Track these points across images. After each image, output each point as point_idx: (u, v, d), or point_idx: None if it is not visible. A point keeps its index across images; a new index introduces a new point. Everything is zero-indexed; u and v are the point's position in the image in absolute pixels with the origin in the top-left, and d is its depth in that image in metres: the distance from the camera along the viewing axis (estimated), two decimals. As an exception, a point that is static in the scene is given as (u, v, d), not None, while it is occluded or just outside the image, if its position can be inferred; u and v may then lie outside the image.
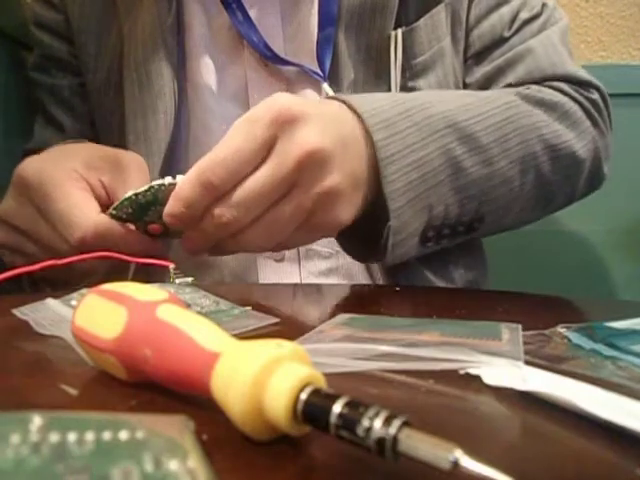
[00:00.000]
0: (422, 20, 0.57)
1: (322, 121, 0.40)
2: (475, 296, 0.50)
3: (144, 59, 0.56)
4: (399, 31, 0.56)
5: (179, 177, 0.40)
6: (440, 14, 0.57)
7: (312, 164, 0.39)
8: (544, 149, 0.53)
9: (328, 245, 0.57)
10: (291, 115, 0.38)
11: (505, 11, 0.60)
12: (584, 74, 0.61)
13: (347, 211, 0.43)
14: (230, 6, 0.56)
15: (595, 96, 0.60)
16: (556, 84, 0.59)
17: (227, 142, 0.38)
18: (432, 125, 0.47)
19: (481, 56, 0.61)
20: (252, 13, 0.56)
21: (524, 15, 0.60)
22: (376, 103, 0.45)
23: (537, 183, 0.54)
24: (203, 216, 0.39)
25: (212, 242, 0.42)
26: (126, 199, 0.41)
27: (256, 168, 0.38)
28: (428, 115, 0.47)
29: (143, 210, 0.42)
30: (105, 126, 0.63)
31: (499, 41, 0.60)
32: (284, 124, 0.38)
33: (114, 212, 0.42)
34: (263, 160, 0.38)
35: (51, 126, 0.65)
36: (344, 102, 0.44)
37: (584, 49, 0.97)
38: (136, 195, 0.41)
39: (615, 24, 0.96)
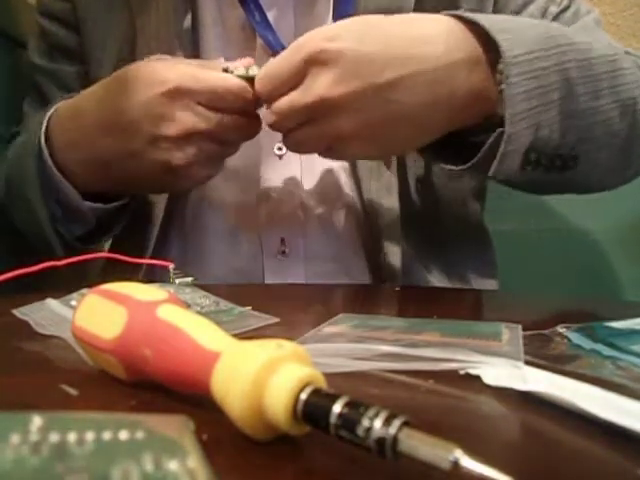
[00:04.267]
0: None
1: (351, 64, 0.42)
2: (475, 296, 0.50)
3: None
4: None
5: None
6: None
7: (322, 109, 0.43)
8: None
9: (332, 246, 0.57)
10: (321, 59, 0.42)
11: (533, 9, 0.60)
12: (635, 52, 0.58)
13: (361, 152, 0.47)
14: (248, 5, 0.56)
15: None
16: None
17: (277, 59, 0.44)
18: (554, 39, 0.45)
19: None
20: (270, 15, 0.56)
21: (553, 9, 0.60)
22: (495, 17, 0.46)
23: (629, 133, 0.50)
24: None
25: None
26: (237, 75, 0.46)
27: (292, 89, 0.43)
28: (549, 29, 0.46)
29: None
30: None
31: None
32: (314, 64, 0.42)
33: None
34: (298, 84, 0.43)
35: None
36: (459, 18, 0.44)
37: (584, 49, 0.96)
38: (239, 76, 0.46)
39: (615, 24, 0.96)
